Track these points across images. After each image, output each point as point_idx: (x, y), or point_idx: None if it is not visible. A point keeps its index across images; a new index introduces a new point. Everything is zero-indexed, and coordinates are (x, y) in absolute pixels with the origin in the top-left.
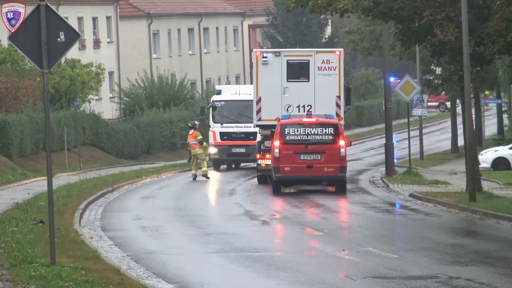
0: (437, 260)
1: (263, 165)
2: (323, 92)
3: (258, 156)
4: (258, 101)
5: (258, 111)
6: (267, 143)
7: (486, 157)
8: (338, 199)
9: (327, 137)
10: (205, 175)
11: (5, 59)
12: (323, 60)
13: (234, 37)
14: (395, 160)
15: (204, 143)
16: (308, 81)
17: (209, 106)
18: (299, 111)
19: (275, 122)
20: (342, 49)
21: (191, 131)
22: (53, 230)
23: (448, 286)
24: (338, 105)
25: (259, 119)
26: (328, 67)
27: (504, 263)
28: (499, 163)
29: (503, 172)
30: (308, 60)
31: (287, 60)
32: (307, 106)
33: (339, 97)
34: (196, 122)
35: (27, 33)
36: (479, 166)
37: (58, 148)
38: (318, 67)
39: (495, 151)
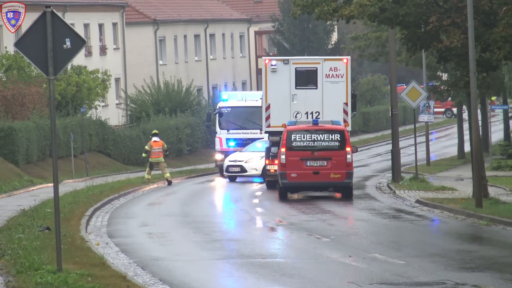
0: (444, 266)
1: (272, 170)
2: (331, 99)
3: (267, 161)
4: (267, 108)
5: (267, 117)
6: (273, 149)
7: (256, 163)
8: (344, 205)
9: (333, 144)
10: (169, 181)
11: (11, 66)
12: (331, 67)
13: (240, 44)
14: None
15: (167, 152)
16: (316, 88)
17: (216, 112)
18: (307, 118)
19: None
20: (349, 57)
21: (156, 139)
22: (60, 237)
23: None
24: (345, 112)
25: (268, 126)
26: (336, 75)
27: (510, 269)
28: None
29: (510, 178)
30: (316, 68)
31: (296, 68)
32: (315, 113)
33: (346, 104)
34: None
35: (33, 40)
36: (250, 173)
37: (64, 155)
38: (326, 74)
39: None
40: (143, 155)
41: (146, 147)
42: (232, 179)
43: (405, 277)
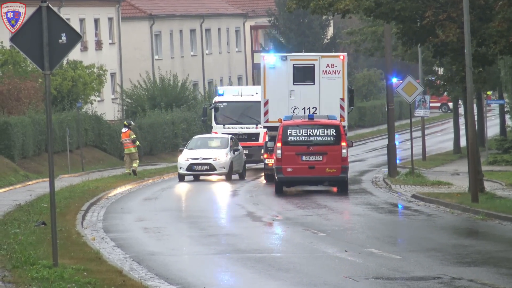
0: (440, 261)
1: (270, 164)
2: (328, 95)
3: (265, 155)
4: (266, 103)
5: (266, 113)
6: (270, 143)
7: (223, 161)
8: (340, 200)
9: (328, 138)
10: (134, 171)
11: (7, 60)
12: (328, 64)
13: (236, 38)
14: (397, 161)
15: (137, 142)
16: (313, 84)
17: (211, 107)
18: (304, 113)
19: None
20: (345, 54)
21: (124, 130)
22: (55, 232)
23: (451, 287)
24: (342, 107)
25: (267, 121)
26: (333, 71)
27: (506, 263)
28: None
29: (506, 172)
30: (313, 64)
31: (293, 64)
32: (312, 108)
33: (343, 99)
34: (131, 122)
35: (28, 35)
36: (220, 171)
37: (60, 150)
38: (323, 70)
39: None
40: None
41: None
42: (183, 179)
43: (401, 272)
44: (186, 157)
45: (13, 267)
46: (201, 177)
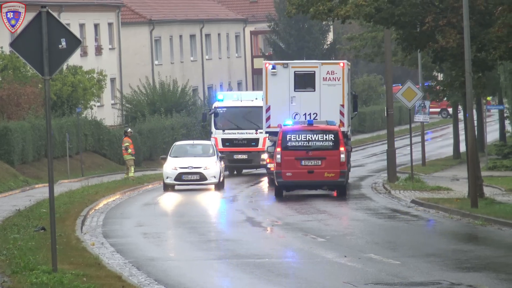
0: (439, 266)
1: (272, 168)
2: (328, 101)
3: (268, 160)
4: (268, 109)
5: (268, 118)
6: (270, 148)
7: (213, 170)
8: (340, 205)
9: (327, 143)
10: (126, 177)
11: (6, 66)
12: (328, 71)
13: (236, 44)
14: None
15: (130, 150)
16: (314, 90)
17: (211, 112)
18: (305, 119)
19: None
20: (345, 61)
21: (123, 137)
22: (55, 237)
23: None
24: (341, 113)
25: (269, 126)
26: (333, 78)
27: (506, 269)
28: None
29: (506, 178)
30: (314, 71)
31: (295, 71)
32: (313, 114)
33: (342, 105)
34: (128, 129)
35: (28, 40)
36: (210, 181)
37: (60, 155)
38: (323, 77)
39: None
40: None
41: None
42: (167, 188)
43: (401, 277)
44: (173, 165)
45: (13, 272)
46: (177, 187)
